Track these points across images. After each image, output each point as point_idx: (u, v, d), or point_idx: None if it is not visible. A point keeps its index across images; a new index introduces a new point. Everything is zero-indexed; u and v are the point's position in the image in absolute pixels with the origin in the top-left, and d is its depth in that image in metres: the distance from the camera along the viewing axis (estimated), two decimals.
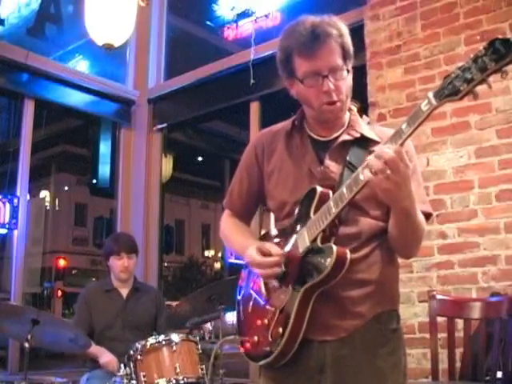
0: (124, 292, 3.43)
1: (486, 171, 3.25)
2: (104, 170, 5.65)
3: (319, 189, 1.53)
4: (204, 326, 3.88)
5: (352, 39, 1.58)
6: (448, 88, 1.25)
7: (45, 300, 20.13)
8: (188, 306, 3.23)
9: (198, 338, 2.99)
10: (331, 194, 1.50)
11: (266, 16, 5.07)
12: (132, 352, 2.83)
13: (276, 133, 1.73)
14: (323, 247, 1.47)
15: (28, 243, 5.29)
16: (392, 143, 1.35)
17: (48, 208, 24.05)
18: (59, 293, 21.12)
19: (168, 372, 2.79)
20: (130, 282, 3.47)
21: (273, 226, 1.74)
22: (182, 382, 2.78)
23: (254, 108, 4.86)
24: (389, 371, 1.53)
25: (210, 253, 28.52)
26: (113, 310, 3.35)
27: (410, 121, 1.32)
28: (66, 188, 25.35)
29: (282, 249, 1.58)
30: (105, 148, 5.68)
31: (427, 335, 2.85)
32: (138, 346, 2.83)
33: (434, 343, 2.75)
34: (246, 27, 5.24)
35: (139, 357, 2.81)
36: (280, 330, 1.50)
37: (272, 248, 1.55)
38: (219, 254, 27.07)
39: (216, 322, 3.13)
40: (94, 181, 5.76)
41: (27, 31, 6.04)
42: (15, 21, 6.26)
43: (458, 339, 2.75)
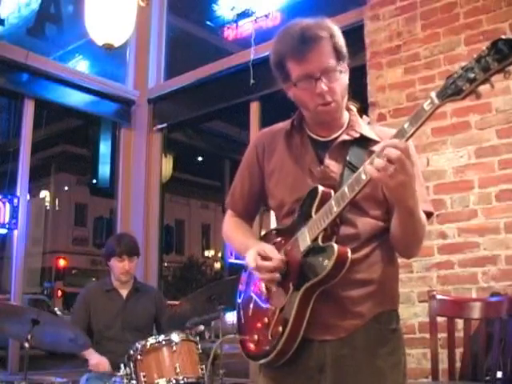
0: (124, 292, 3.43)
1: (485, 171, 3.25)
2: (104, 170, 5.65)
3: (321, 188, 1.53)
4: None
5: (352, 39, 1.58)
6: (451, 88, 1.25)
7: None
8: (188, 306, 3.23)
9: (198, 338, 2.99)
10: (333, 194, 1.50)
11: (266, 16, 5.07)
12: (132, 352, 2.83)
13: (276, 132, 1.74)
14: (324, 246, 1.47)
15: (28, 243, 5.29)
16: None
17: (48, 208, 24.08)
18: (59, 293, 21.14)
19: (168, 372, 2.79)
20: (130, 283, 3.46)
21: (274, 226, 1.74)
22: (182, 382, 2.77)
23: (254, 108, 4.86)
24: (388, 371, 1.53)
25: (210, 253, 28.54)
26: (113, 310, 3.34)
27: (412, 120, 1.32)
28: (66, 188, 25.38)
29: (283, 248, 1.58)
30: (105, 148, 5.68)
31: (427, 335, 2.85)
32: (138, 345, 2.83)
33: (434, 343, 2.75)
34: (246, 27, 5.24)
35: (139, 357, 2.81)
36: (280, 328, 1.50)
37: (271, 252, 1.54)
38: (219, 254, 27.10)
39: (216, 321, 3.12)
40: (94, 181, 5.76)
41: (27, 31, 6.04)
42: (15, 21, 6.27)
43: (458, 339, 2.75)
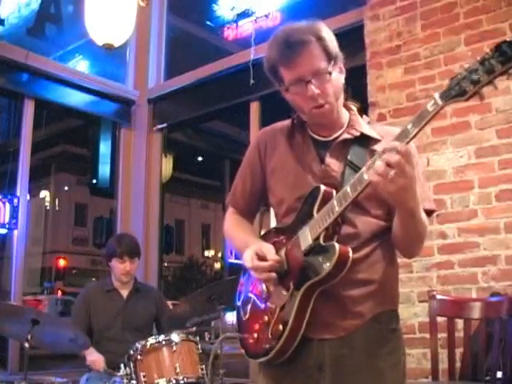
0: (124, 293, 3.42)
1: (486, 171, 3.25)
2: (104, 170, 5.65)
3: (323, 187, 1.53)
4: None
5: (352, 39, 1.59)
6: (455, 89, 1.26)
7: None
8: (188, 306, 3.23)
9: (198, 338, 2.99)
10: (334, 193, 1.50)
11: (266, 16, 5.07)
12: (132, 352, 2.83)
13: (278, 131, 1.74)
14: (325, 245, 1.47)
15: (28, 243, 5.29)
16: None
17: (48, 208, 24.07)
18: (59, 293, 21.13)
19: (168, 372, 2.79)
20: (131, 283, 3.45)
21: (274, 224, 1.74)
22: (182, 382, 2.77)
23: (254, 108, 4.86)
24: (388, 371, 1.53)
25: (210, 253, 28.53)
26: (113, 310, 3.34)
27: (415, 121, 1.33)
28: (66, 188, 25.37)
29: (284, 247, 1.58)
30: (105, 148, 5.68)
31: (427, 335, 2.85)
32: (138, 345, 2.83)
33: (434, 343, 2.75)
34: (246, 27, 5.24)
35: (139, 357, 2.81)
36: (280, 327, 1.50)
37: (268, 252, 1.54)
38: (219, 254, 27.09)
39: (216, 321, 3.12)
40: (94, 181, 5.76)
41: (27, 31, 6.04)
42: (15, 21, 6.27)
43: (458, 339, 2.75)
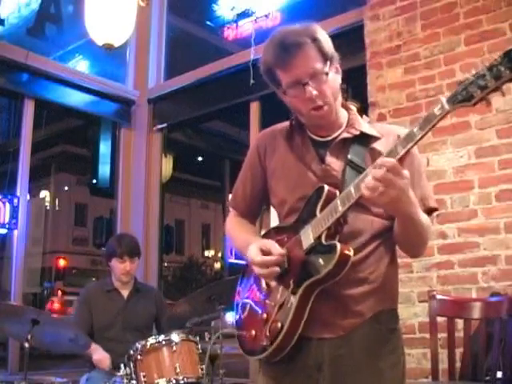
0: (125, 293, 3.42)
1: (486, 171, 3.25)
2: (104, 170, 5.65)
3: (326, 187, 1.53)
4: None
5: (352, 39, 1.59)
6: (462, 94, 1.27)
7: (45, 300, 20.13)
8: (188, 306, 3.23)
9: (198, 338, 2.99)
10: (338, 193, 1.50)
11: (266, 16, 5.07)
12: (132, 352, 2.83)
13: (278, 132, 1.75)
14: (327, 245, 1.47)
15: (28, 243, 5.30)
16: (401, 147, 1.36)
17: (48, 208, 24.05)
18: (59, 293, 21.11)
19: (168, 372, 2.79)
20: (131, 283, 3.45)
21: (276, 223, 1.74)
22: (182, 382, 2.77)
23: (254, 108, 4.86)
24: (388, 371, 1.53)
25: (210, 253, 28.53)
26: (113, 310, 3.34)
27: (422, 124, 1.34)
28: (66, 188, 25.36)
29: (286, 245, 1.58)
30: (105, 148, 5.68)
31: (427, 335, 2.85)
32: (138, 345, 2.82)
33: (434, 343, 2.75)
34: (246, 27, 5.25)
35: (139, 357, 2.81)
36: (278, 325, 1.51)
37: (272, 247, 1.55)
38: (219, 254, 27.09)
39: (216, 321, 3.12)
40: (94, 181, 5.76)
41: (27, 31, 6.05)
42: (15, 21, 6.27)
43: (458, 339, 2.75)
